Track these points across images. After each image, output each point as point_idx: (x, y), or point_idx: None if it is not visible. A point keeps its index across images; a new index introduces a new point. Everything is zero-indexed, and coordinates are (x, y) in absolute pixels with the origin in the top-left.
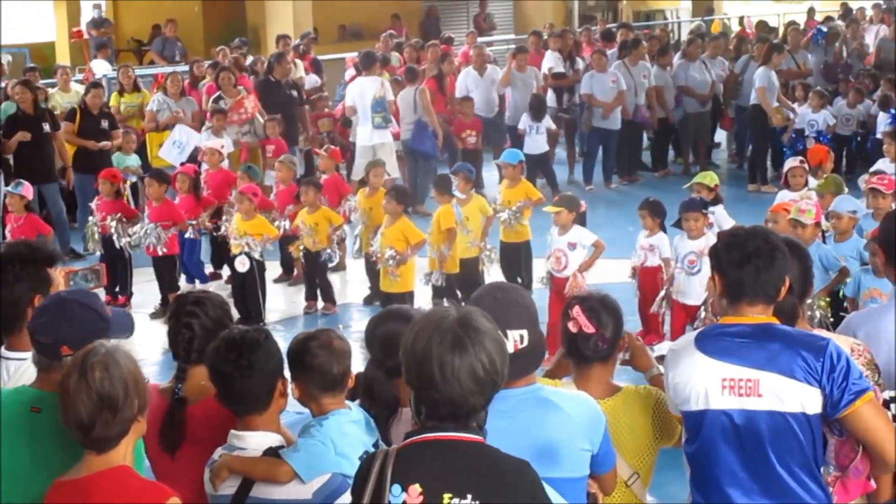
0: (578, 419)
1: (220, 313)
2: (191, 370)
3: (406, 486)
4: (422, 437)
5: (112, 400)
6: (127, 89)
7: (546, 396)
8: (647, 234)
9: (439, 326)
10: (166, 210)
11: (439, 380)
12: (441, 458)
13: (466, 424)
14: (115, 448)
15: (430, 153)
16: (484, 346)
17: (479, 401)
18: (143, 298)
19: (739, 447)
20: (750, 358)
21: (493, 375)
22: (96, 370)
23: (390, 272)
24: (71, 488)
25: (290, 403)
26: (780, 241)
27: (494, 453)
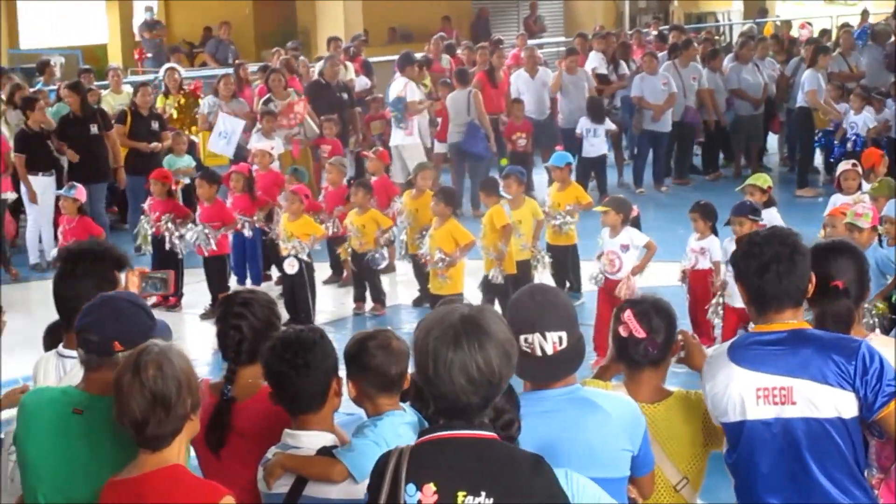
0: (618, 419)
1: (268, 313)
2: (240, 370)
3: (421, 485)
4: (435, 435)
5: (165, 398)
6: (173, 92)
7: (585, 396)
8: (699, 237)
9: (442, 321)
10: (217, 210)
11: (432, 374)
12: (454, 457)
13: (473, 422)
14: (168, 446)
15: (483, 154)
16: (482, 347)
17: (474, 400)
18: (193, 299)
19: (779, 456)
20: (782, 366)
21: (488, 377)
22: (150, 368)
23: (440, 274)
24: (125, 487)
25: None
26: (798, 241)
27: (508, 449)
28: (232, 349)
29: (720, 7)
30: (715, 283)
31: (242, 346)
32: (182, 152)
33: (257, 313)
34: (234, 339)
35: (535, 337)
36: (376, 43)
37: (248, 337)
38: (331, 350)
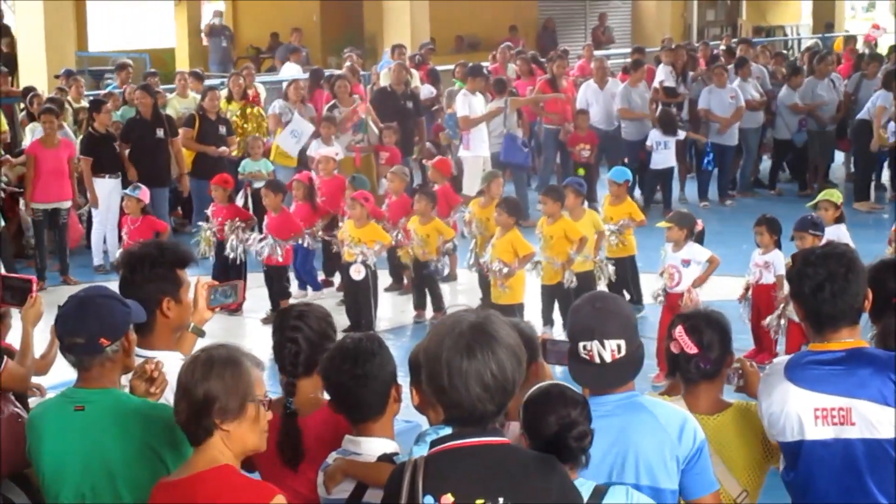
0: (667, 427)
1: (324, 325)
2: (299, 383)
3: (438, 496)
4: (448, 445)
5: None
6: (236, 97)
7: (641, 402)
8: (763, 252)
9: (453, 330)
10: (285, 221)
11: (447, 384)
12: (470, 465)
13: (485, 428)
14: (210, 443)
15: (523, 164)
16: (495, 353)
17: (490, 407)
18: (254, 304)
19: (838, 477)
20: (840, 386)
21: (502, 383)
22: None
23: (500, 284)
24: (175, 488)
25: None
26: (853, 258)
27: (522, 454)
28: (289, 362)
29: (788, 21)
30: (778, 297)
31: (299, 358)
32: (258, 156)
33: (313, 325)
34: (291, 352)
35: (593, 344)
36: (443, 51)
37: (305, 349)
38: (389, 358)
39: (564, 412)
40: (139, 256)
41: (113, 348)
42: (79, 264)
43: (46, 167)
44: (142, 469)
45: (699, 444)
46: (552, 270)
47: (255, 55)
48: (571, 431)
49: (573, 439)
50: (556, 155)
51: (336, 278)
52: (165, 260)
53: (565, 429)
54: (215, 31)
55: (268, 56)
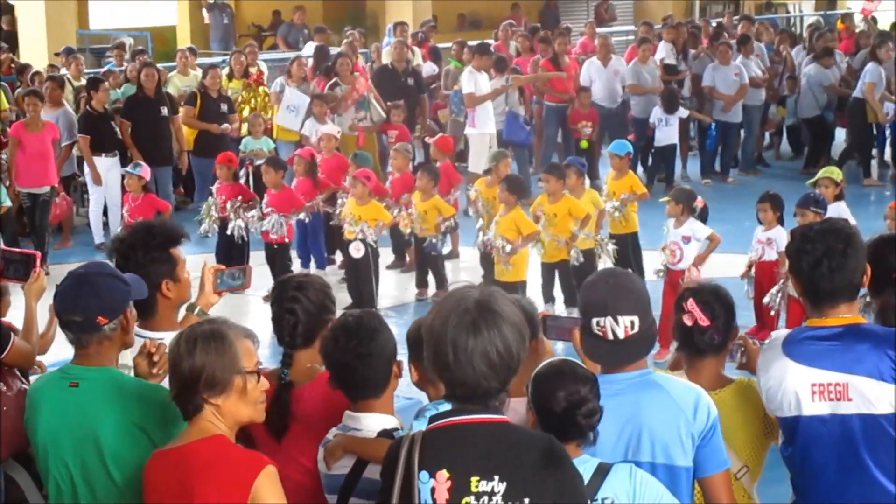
0: (682, 403)
1: (322, 297)
2: (297, 354)
3: (434, 471)
4: (447, 420)
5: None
6: (237, 75)
7: (654, 380)
8: (765, 228)
9: (457, 308)
10: (286, 197)
11: (452, 361)
12: (467, 442)
13: (486, 405)
14: (202, 416)
15: (525, 142)
16: (500, 330)
17: (494, 384)
18: (256, 281)
19: (835, 451)
20: (837, 361)
21: (507, 360)
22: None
23: (502, 261)
24: (169, 457)
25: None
26: (852, 234)
27: (519, 432)
28: (287, 333)
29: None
30: (780, 273)
31: (297, 329)
32: (259, 134)
33: (311, 297)
34: (290, 323)
35: (607, 320)
36: (445, 29)
37: (303, 320)
38: (390, 335)
39: (574, 388)
40: (130, 243)
41: (111, 326)
42: (80, 242)
43: (31, 150)
44: (130, 448)
45: (713, 420)
46: (554, 248)
47: (256, 33)
48: (581, 408)
49: (582, 416)
50: (558, 133)
51: (338, 256)
52: (157, 243)
53: (574, 405)
54: (216, 8)
55: (270, 34)
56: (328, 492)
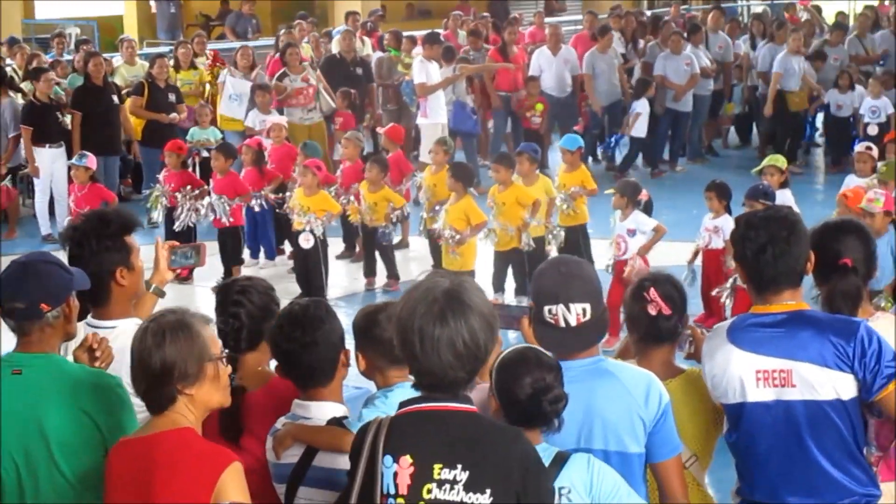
0: (633, 390)
1: (266, 300)
2: (243, 358)
3: (397, 457)
4: (415, 407)
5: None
6: (184, 66)
7: (606, 368)
8: (713, 216)
9: (426, 297)
10: (231, 182)
11: (419, 350)
12: (432, 429)
13: (455, 395)
14: (173, 408)
15: (472, 131)
16: (467, 321)
17: (461, 374)
18: (205, 271)
19: (779, 437)
20: (781, 348)
21: (474, 351)
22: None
23: (451, 250)
24: (134, 446)
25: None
26: (795, 221)
27: (486, 423)
28: (232, 337)
29: None
30: (727, 262)
31: (241, 333)
32: (206, 124)
33: (255, 300)
34: (233, 328)
35: (559, 308)
36: (394, 19)
37: (247, 325)
38: (337, 324)
39: (539, 375)
40: (83, 231)
41: (53, 314)
42: (27, 234)
43: None
44: (76, 434)
45: (664, 406)
46: (506, 237)
47: (204, 23)
48: (547, 395)
49: (548, 402)
50: (507, 122)
51: (287, 246)
52: (111, 231)
53: (540, 392)
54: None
55: (218, 24)
56: (277, 481)
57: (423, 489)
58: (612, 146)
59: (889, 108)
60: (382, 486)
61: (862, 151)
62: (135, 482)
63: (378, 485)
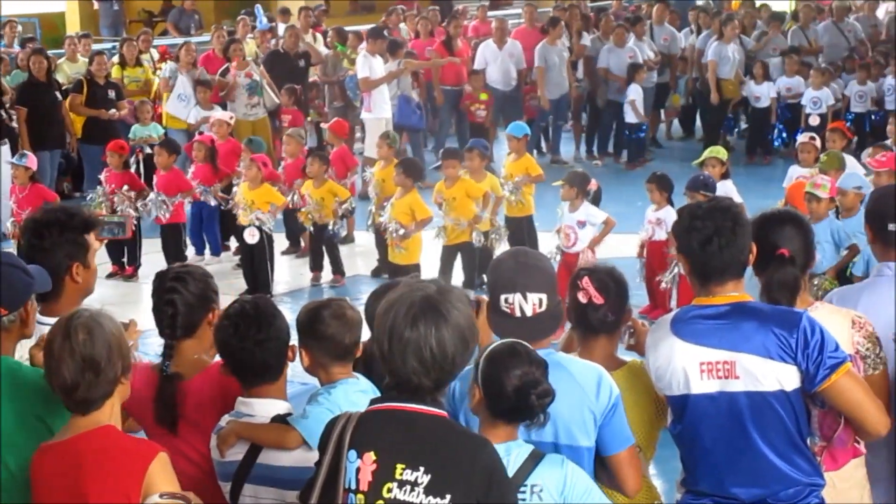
0: (583, 383)
1: (203, 286)
2: (179, 346)
3: (362, 452)
4: (385, 405)
5: (95, 361)
6: (129, 63)
7: (557, 360)
8: (655, 208)
9: (404, 299)
10: (174, 178)
11: (387, 350)
12: (398, 429)
13: (423, 399)
14: (99, 409)
15: (417, 126)
16: (438, 329)
17: (425, 382)
18: (150, 269)
19: (723, 428)
20: (724, 340)
21: (440, 361)
22: (80, 333)
23: (396, 245)
24: (57, 450)
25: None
26: (739, 212)
27: (453, 428)
28: (167, 325)
29: None
30: (670, 253)
31: (177, 321)
32: (147, 121)
33: (191, 288)
34: (168, 315)
35: (515, 297)
36: (338, 13)
37: (183, 312)
38: (285, 319)
39: (528, 370)
40: (46, 222)
41: (10, 318)
42: None
43: None
44: (29, 438)
45: (615, 399)
46: (456, 231)
47: (147, 19)
48: (535, 389)
49: (536, 397)
50: (453, 116)
51: (233, 242)
52: (74, 224)
53: (529, 386)
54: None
55: (160, 20)
56: (222, 479)
57: (383, 487)
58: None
59: (830, 99)
60: (345, 481)
61: (805, 142)
62: (64, 486)
63: (341, 478)
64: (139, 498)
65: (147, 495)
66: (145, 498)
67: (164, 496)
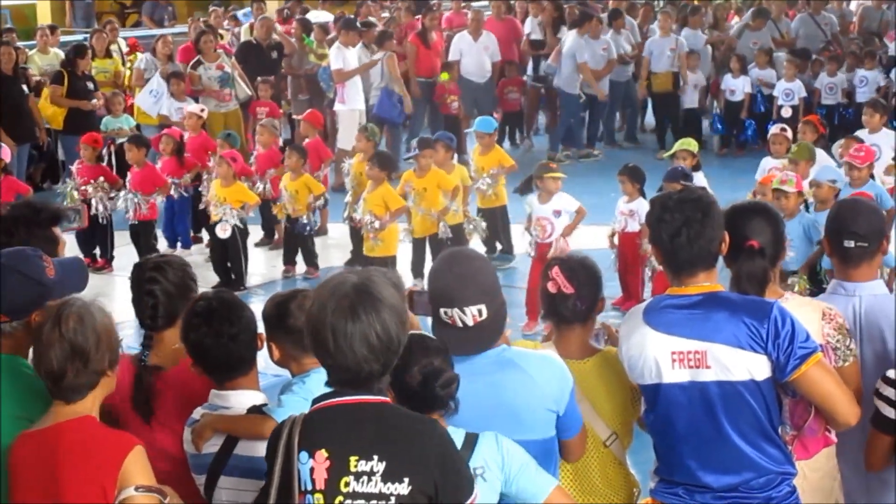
0: (542, 381)
1: (182, 276)
2: (158, 336)
3: (313, 452)
4: (327, 402)
5: (83, 350)
6: (99, 54)
7: (510, 358)
8: (627, 200)
9: (335, 293)
10: (149, 175)
11: (333, 347)
12: (346, 423)
13: (369, 388)
14: (82, 399)
15: (396, 121)
16: (379, 314)
17: (376, 367)
18: (124, 262)
19: (694, 418)
20: (696, 330)
21: (387, 343)
22: (70, 321)
23: (371, 237)
24: (38, 438)
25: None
26: (710, 203)
27: (399, 413)
28: (148, 316)
29: None
30: (643, 245)
31: (158, 311)
32: (119, 112)
33: (171, 277)
34: (149, 305)
35: (454, 311)
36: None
37: (163, 302)
38: (251, 310)
39: (427, 361)
40: (13, 219)
41: (12, 325)
42: None
43: None
44: None
45: (571, 391)
46: (425, 223)
47: (118, 10)
48: (437, 380)
49: (440, 387)
50: (427, 107)
51: (205, 235)
52: (42, 219)
53: (431, 377)
54: None
55: (132, 11)
56: (196, 472)
57: (340, 483)
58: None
59: (802, 91)
60: (300, 483)
61: (777, 133)
62: (40, 474)
63: (295, 482)
64: (114, 489)
65: (122, 488)
66: (121, 490)
67: (140, 489)
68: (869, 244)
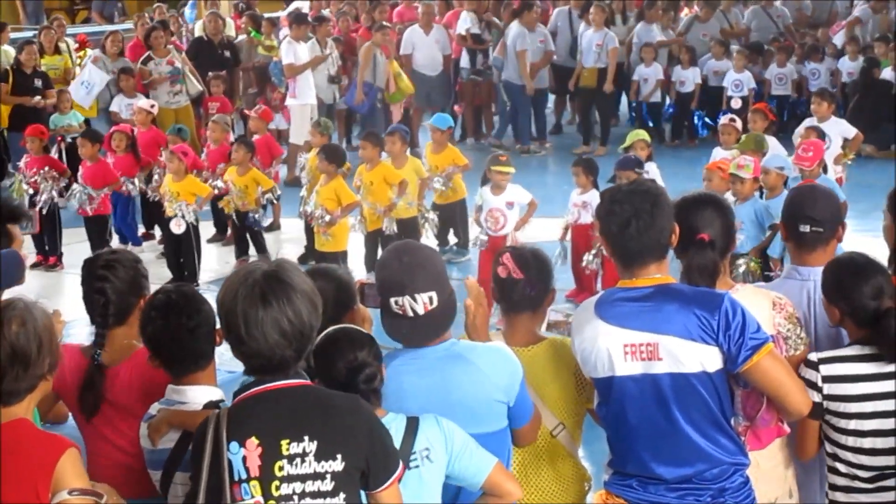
0: (493, 374)
1: (133, 273)
2: (111, 333)
3: (243, 441)
4: (250, 392)
5: (25, 355)
6: (48, 51)
7: (460, 352)
8: (580, 192)
9: (245, 281)
10: (100, 170)
11: (244, 334)
12: (272, 408)
13: (286, 374)
14: (19, 402)
15: (360, 111)
16: (290, 300)
17: (289, 353)
18: (75, 258)
19: (647, 410)
20: (647, 322)
21: (300, 329)
22: (13, 324)
23: (322, 231)
24: None
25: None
26: (659, 195)
27: (324, 393)
28: (98, 313)
29: None
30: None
31: (109, 309)
32: (66, 110)
33: (121, 275)
34: (100, 303)
35: (404, 300)
36: None
37: (114, 300)
38: (209, 304)
39: (352, 356)
40: None
41: None
42: None
43: None
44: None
45: (520, 380)
46: (375, 216)
47: (68, 6)
48: (360, 375)
49: (362, 382)
50: None
51: (157, 231)
52: None
53: (354, 372)
54: None
55: (82, 7)
56: (152, 467)
57: (274, 467)
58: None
59: (752, 82)
60: (233, 473)
61: (726, 123)
62: None
63: (226, 474)
64: (48, 492)
65: (56, 491)
66: (55, 493)
67: (74, 492)
68: (824, 230)
